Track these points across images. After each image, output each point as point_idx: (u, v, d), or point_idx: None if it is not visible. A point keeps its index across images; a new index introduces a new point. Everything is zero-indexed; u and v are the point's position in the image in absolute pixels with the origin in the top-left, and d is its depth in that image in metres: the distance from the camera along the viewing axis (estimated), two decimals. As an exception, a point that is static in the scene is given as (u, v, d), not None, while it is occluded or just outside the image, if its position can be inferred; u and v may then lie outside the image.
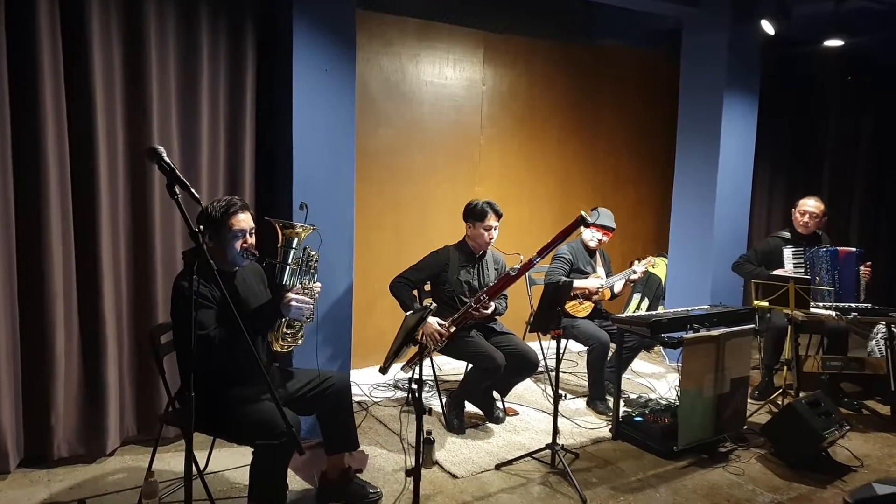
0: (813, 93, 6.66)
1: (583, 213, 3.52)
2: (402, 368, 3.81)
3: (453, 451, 3.65)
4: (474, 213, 3.96)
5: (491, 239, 3.94)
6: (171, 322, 2.75)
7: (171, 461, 3.40)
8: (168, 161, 1.95)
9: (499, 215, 3.94)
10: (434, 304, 2.68)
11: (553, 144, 5.74)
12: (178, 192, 1.94)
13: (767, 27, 4.47)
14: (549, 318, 3.32)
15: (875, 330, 4.90)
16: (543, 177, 5.73)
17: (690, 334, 3.64)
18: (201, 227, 2.13)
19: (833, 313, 4.19)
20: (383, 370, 2.68)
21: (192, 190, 1.96)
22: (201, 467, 3.20)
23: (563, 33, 5.66)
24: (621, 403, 4.07)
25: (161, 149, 1.96)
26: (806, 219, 4.77)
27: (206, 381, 2.50)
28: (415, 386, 2.55)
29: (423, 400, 4.33)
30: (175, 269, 3.49)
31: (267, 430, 2.50)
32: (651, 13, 5.23)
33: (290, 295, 2.60)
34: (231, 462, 3.33)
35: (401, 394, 4.50)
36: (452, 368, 4.70)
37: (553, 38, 5.60)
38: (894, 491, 2.28)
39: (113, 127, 3.26)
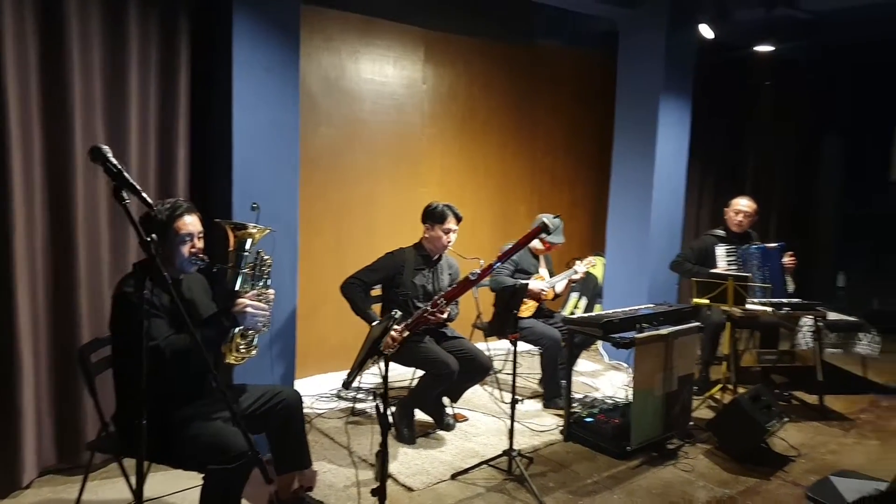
0: (739, 96, 6.91)
1: (545, 220, 3.49)
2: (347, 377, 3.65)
3: (406, 462, 3.54)
4: (434, 216, 3.86)
5: (449, 242, 3.86)
6: (110, 336, 2.51)
7: (98, 490, 3.12)
8: (115, 162, 1.75)
9: (459, 218, 3.87)
10: (399, 313, 2.55)
11: (493, 145, 5.71)
12: (125, 198, 1.75)
13: (706, 31, 4.58)
14: (507, 321, 3.26)
15: (801, 323, 5.11)
16: (484, 178, 5.69)
17: (642, 334, 3.66)
18: (153, 235, 1.96)
19: (769, 309, 4.33)
20: (346, 384, 2.55)
21: (144, 194, 1.77)
22: (133, 497, 2.98)
23: (503, 33, 5.63)
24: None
25: (106, 148, 1.76)
26: (740, 218, 4.92)
27: (151, 399, 2.28)
28: (379, 401, 2.41)
29: (370, 409, 4.25)
30: (101, 280, 3.22)
31: (220, 453, 2.32)
32: (588, 15, 5.26)
33: (245, 301, 2.43)
34: (168, 487, 3.10)
35: (344, 404, 4.34)
36: (397, 375, 4.58)
37: (492, 38, 5.56)
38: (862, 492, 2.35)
39: (28, 128, 2.97)
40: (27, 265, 3.00)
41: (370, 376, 4.69)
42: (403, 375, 4.43)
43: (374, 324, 2.47)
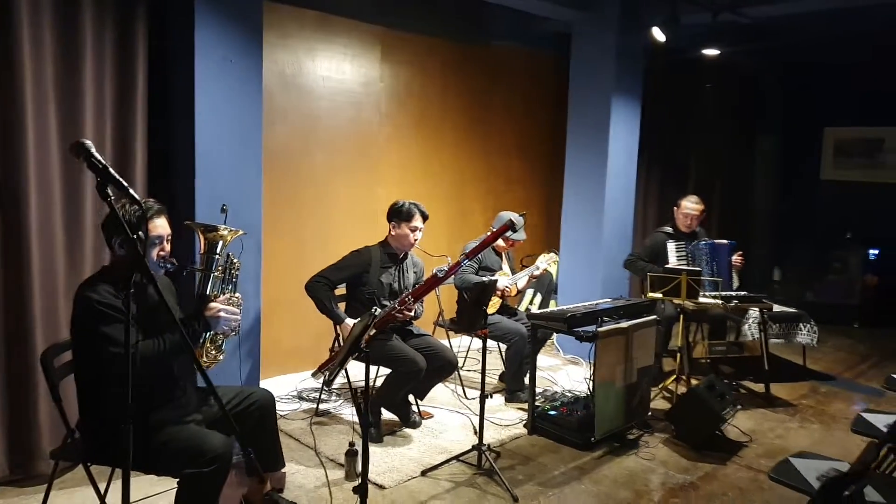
0: (682, 98, 7.15)
1: (511, 218, 3.54)
2: (313, 375, 3.62)
3: (375, 460, 3.51)
4: (400, 214, 3.85)
5: (415, 240, 3.86)
6: (72, 340, 2.41)
7: (57, 500, 2.98)
8: (99, 157, 1.69)
9: (425, 217, 3.87)
10: (379, 311, 2.54)
11: (448, 144, 5.73)
12: (110, 194, 1.69)
13: (659, 35, 4.72)
14: (476, 317, 3.29)
15: (747, 315, 5.33)
16: (440, 177, 5.70)
17: (604, 328, 3.75)
18: (139, 233, 1.88)
19: (720, 301, 4.50)
20: (328, 383, 2.52)
21: (131, 191, 1.72)
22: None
23: (458, 33, 5.66)
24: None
25: (90, 143, 1.69)
26: (689, 221, 5.10)
27: (118, 405, 2.19)
28: (361, 400, 2.40)
29: (333, 410, 4.21)
30: (55, 284, 3.08)
31: (195, 457, 2.25)
32: (542, 16, 5.35)
33: (218, 306, 2.38)
34: (136, 493, 2.98)
35: (306, 405, 4.28)
36: (359, 374, 4.54)
37: (448, 37, 5.58)
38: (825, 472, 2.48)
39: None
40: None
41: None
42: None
43: (354, 322, 2.45)
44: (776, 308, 5.14)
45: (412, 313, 3.61)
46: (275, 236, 4.59)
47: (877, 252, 7.40)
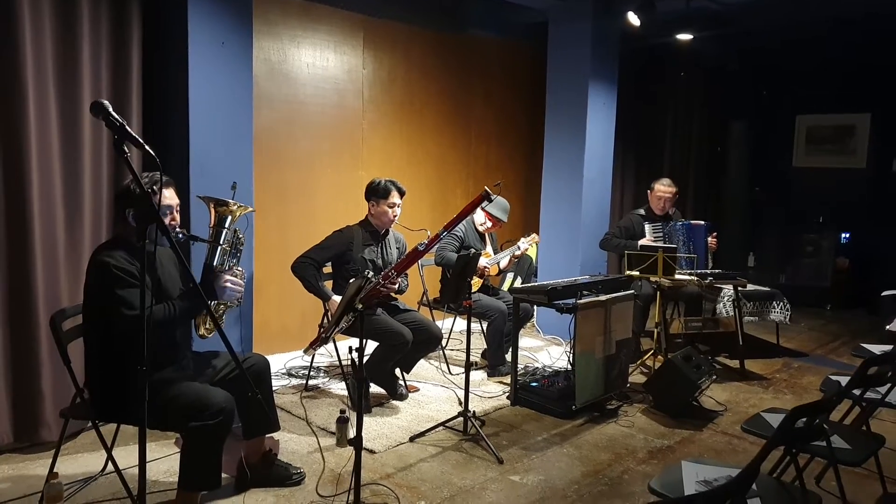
0: (656, 84, 7.33)
1: (487, 188, 3.64)
2: (305, 351, 3.73)
3: (365, 428, 3.50)
4: (377, 191, 3.97)
5: (395, 216, 3.97)
6: (85, 303, 2.51)
7: (64, 462, 3.08)
8: (116, 116, 1.81)
9: (402, 193, 3.99)
10: (372, 273, 2.67)
11: (430, 131, 5.86)
12: (126, 151, 1.81)
13: (634, 19, 4.88)
14: (461, 287, 3.42)
15: (722, 293, 5.51)
16: (422, 163, 5.83)
17: (584, 300, 3.90)
18: (155, 187, 2.02)
19: (695, 278, 4.66)
20: (325, 340, 2.64)
21: (147, 147, 1.83)
22: (103, 465, 2.98)
23: (438, 22, 5.79)
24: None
25: (107, 103, 1.82)
26: (662, 203, 5.26)
27: (128, 365, 2.30)
28: (355, 354, 2.51)
29: (322, 385, 4.32)
30: (57, 255, 3.18)
31: (201, 410, 2.39)
32: (519, 5, 5.49)
33: (227, 276, 2.53)
34: (137, 458, 3.09)
35: (296, 381, 4.39)
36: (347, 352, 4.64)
37: (429, 26, 5.71)
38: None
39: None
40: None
41: (321, 357, 4.75)
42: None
43: (350, 281, 2.58)
44: (750, 287, 5.33)
45: (396, 286, 3.73)
46: (260, 219, 4.69)
47: (848, 235, 7.63)
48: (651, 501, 1.64)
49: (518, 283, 6.31)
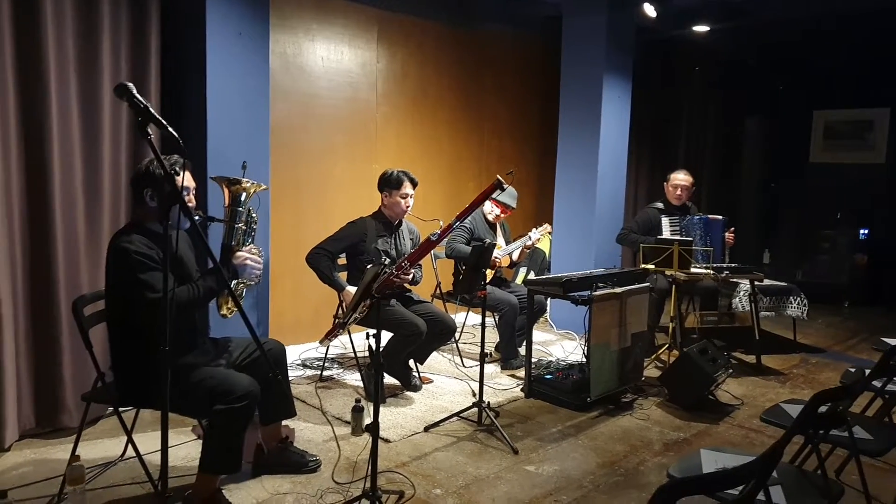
0: (671, 78, 7.29)
1: (499, 177, 3.63)
2: (320, 342, 3.74)
3: (380, 418, 3.59)
4: (390, 182, 3.97)
5: (408, 207, 3.98)
6: (107, 288, 2.53)
7: (84, 447, 3.09)
8: (140, 98, 1.83)
9: (414, 183, 3.99)
10: (389, 260, 2.67)
11: (444, 124, 5.86)
12: (150, 133, 1.83)
13: (649, 11, 4.85)
14: (476, 279, 3.41)
15: (738, 288, 5.47)
16: (436, 156, 5.83)
17: (599, 292, 3.88)
18: (182, 160, 2.04)
19: (710, 272, 4.63)
20: (342, 326, 2.64)
21: (170, 129, 1.85)
22: (123, 450, 3.01)
23: (452, 16, 5.79)
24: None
25: (131, 85, 1.85)
26: (679, 192, 5.23)
27: (150, 349, 2.30)
28: (372, 341, 2.52)
29: (336, 376, 4.33)
30: (77, 244, 3.22)
31: (225, 394, 2.41)
32: (533, -1, 5.50)
33: (244, 254, 2.55)
34: (160, 443, 3.11)
35: (311, 372, 4.41)
36: (361, 344, 4.65)
37: (442, 20, 5.71)
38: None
39: (4, 92, 2.93)
40: (6, 232, 2.97)
41: (335, 348, 4.76)
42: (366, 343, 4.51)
43: (368, 266, 2.58)
44: (766, 282, 5.28)
45: (410, 277, 3.73)
46: (275, 210, 4.70)
47: (866, 232, 7.55)
48: (667, 481, 1.62)
49: (531, 277, 6.31)
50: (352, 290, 3.80)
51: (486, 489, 2.96)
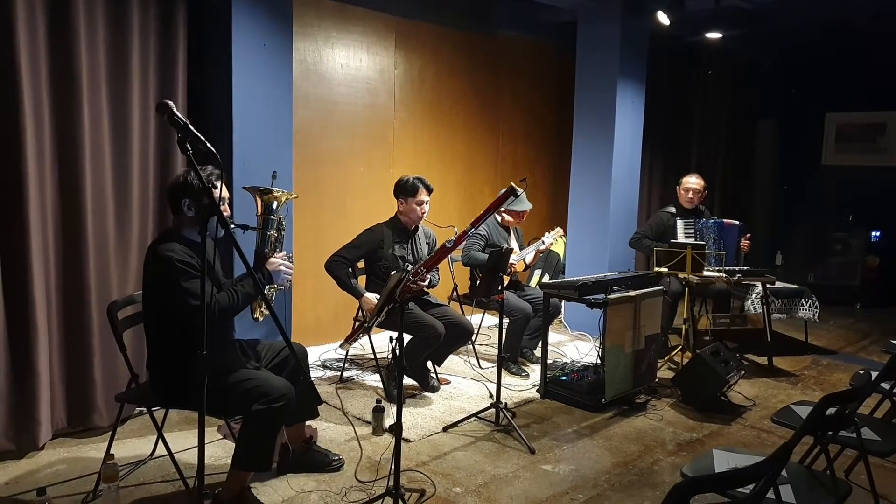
0: (683, 83, 7.35)
1: (512, 184, 3.72)
2: (341, 345, 3.85)
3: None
4: (406, 189, 4.07)
5: (423, 213, 4.07)
6: (148, 296, 2.64)
7: (115, 446, 3.20)
8: (180, 116, 1.94)
9: (429, 190, 4.09)
10: (410, 266, 2.77)
11: (460, 130, 5.96)
12: (189, 148, 1.94)
13: (663, 18, 4.93)
14: (493, 283, 3.50)
15: (750, 291, 5.53)
16: (452, 161, 5.93)
17: (613, 295, 3.96)
18: (216, 172, 2.14)
19: (723, 275, 4.70)
20: (367, 330, 2.75)
21: (208, 144, 1.96)
22: (152, 450, 3.12)
23: (468, 22, 5.89)
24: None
25: (171, 103, 1.97)
26: (690, 195, 5.30)
27: (189, 353, 2.40)
28: (395, 344, 2.62)
29: (356, 377, 4.43)
30: (107, 249, 3.34)
31: (264, 395, 2.53)
32: (548, 6, 5.56)
33: (278, 260, 2.67)
34: (187, 442, 3.26)
35: (331, 373, 4.52)
36: (380, 346, 4.76)
37: (458, 26, 5.81)
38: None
39: (39, 103, 3.06)
40: (40, 237, 3.09)
41: (354, 350, 4.86)
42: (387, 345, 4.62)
43: (375, 294, 2.68)
44: (778, 284, 5.34)
45: (426, 282, 3.82)
46: (297, 214, 4.81)
47: (878, 234, 7.57)
48: (681, 481, 1.71)
49: (546, 280, 6.40)
50: (370, 296, 3.91)
51: (504, 487, 3.06)
